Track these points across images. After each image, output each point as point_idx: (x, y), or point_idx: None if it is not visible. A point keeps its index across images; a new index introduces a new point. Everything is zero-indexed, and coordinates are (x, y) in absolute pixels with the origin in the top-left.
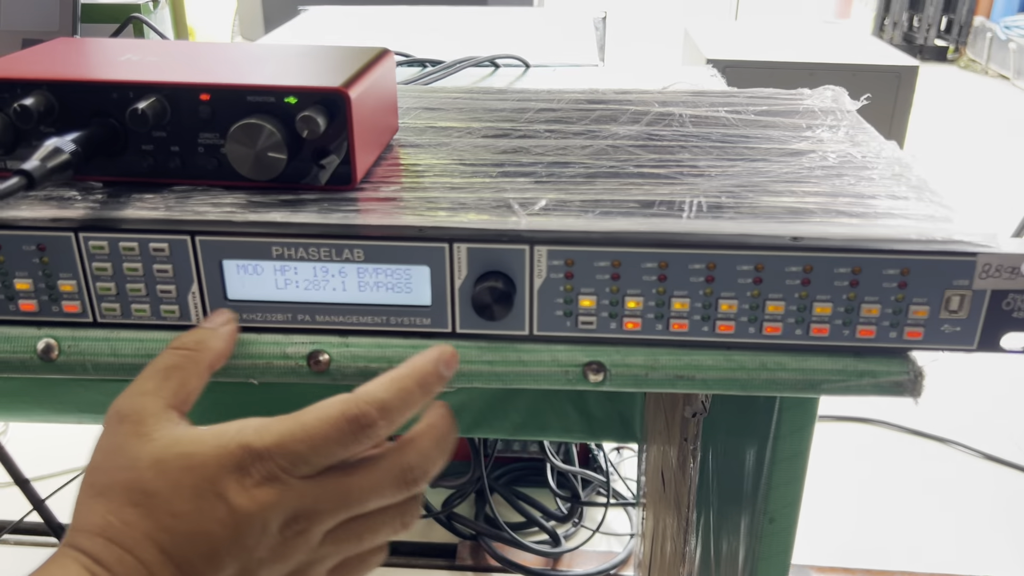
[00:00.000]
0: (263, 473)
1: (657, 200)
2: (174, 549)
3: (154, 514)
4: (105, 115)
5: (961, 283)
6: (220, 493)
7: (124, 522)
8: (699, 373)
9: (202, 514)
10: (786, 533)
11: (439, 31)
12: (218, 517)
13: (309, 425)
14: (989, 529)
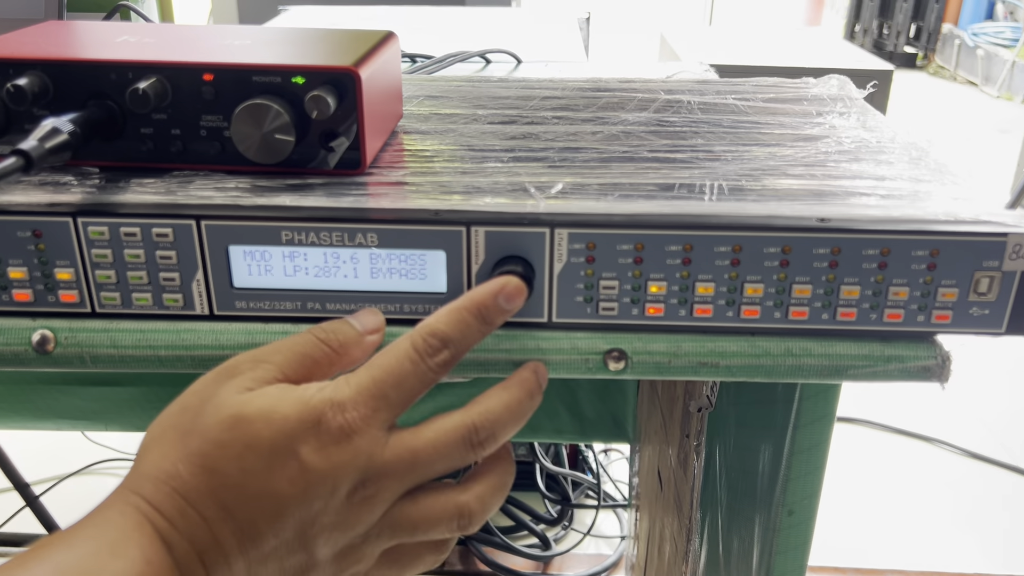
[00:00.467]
0: (342, 425)
1: (677, 183)
2: (238, 507)
3: (224, 470)
4: (103, 97)
5: (991, 264)
6: (294, 451)
7: (193, 474)
8: (723, 360)
9: (272, 472)
10: (805, 526)
11: (422, 31)
12: (289, 476)
13: (384, 365)
14: (975, 526)
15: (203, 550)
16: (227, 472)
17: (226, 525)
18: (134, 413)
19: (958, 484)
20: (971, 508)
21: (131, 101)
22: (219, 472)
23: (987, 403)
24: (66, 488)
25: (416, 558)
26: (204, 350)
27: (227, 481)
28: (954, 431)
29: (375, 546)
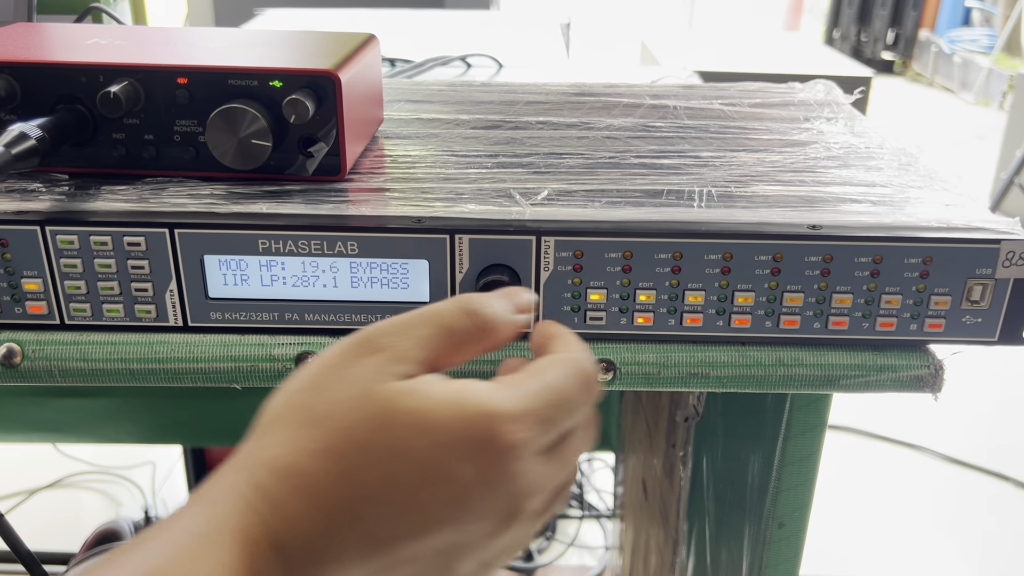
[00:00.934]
0: (504, 449)
1: (665, 190)
2: (375, 521)
3: (363, 478)
4: (73, 101)
5: (984, 272)
6: (450, 470)
7: (326, 473)
8: (713, 370)
9: (422, 489)
10: (796, 539)
11: (401, 34)
12: (442, 496)
13: (556, 384)
14: (958, 533)
15: (319, 560)
16: (367, 481)
17: (354, 535)
18: (107, 425)
19: (941, 490)
20: (954, 514)
21: (102, 105)
22: (358, 479)
23: (970, 409)
24: (37, 502)
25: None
26: (178, 363)
27: (366, 491)
28: (937, 437)
29: (512, 551)
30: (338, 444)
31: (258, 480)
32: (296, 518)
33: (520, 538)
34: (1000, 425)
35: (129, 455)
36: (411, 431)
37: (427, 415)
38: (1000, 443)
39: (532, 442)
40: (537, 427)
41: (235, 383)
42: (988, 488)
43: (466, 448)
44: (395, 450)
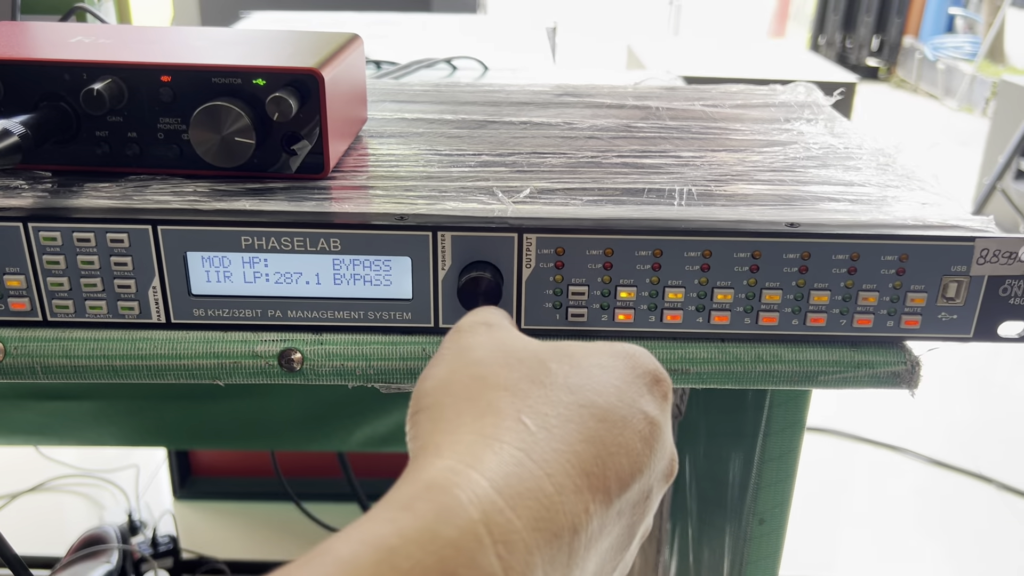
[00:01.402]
0: (660, 378)
1: (646, 188)
2: (595, 466)
3: (580, 416)
4: (56, 98)
5: (959, 269)
6: (638, 400)
7: (545, 426)
8: (693, 367)
9: (626, 423)
10: (776, 535)
11: (387, 37)
12: (639, 428)
13: None
14: (941, 534)
15: (552, 539)
16: (585, 421)
17: (581, 498)
18: (90, 427)
19: (925, 492)
20: (937, 516)
21: (85, 102)
22: (576, 420)
23: (952, 412)
24: (19, 506)
25: None
26: (160, 359)
27: (585, 432)
28: (920, 440)
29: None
30: (547, 394)
31: (477, 492)
32: (535, 495)
33: (651, 520)
34: (982, 427)
35: (113, 458)
36: (601, 372)
37: (599, 351)
38: (982, 445)
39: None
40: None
41: (218, 380)
42: (970, 490)
43: (642, 379)
44: (596, 386)
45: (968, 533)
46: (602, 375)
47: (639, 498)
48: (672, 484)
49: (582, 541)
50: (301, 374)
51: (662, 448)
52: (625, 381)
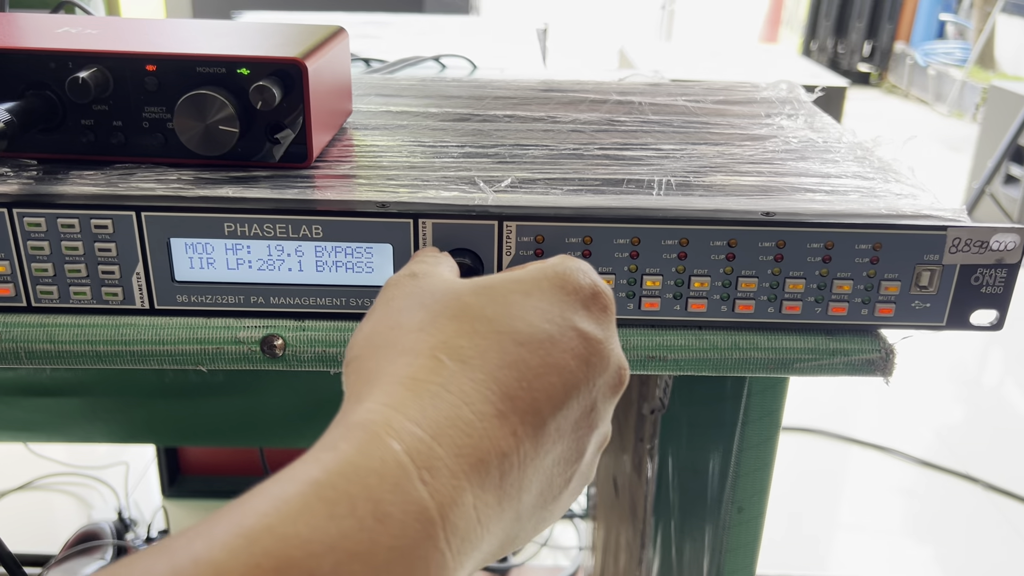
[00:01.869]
0: (597, 292)
1: (625, 179)
2: (520, 389)
3: (500, 342)
4: (42, 87)
5: (931, 258)
6: (569, 319)
7: (460, 358)
8: (671, 353)
9: (554, 343)
10: (755, 523)
11: (378, 37)
12: (571, 346)
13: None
14: (927, 534)
15: (478, 472)
16: (504, 347)
17: (506, 422)
18: (79, 424)
19: (911, 492)
20: (923, 516)
21: (71, 91)
22: (495, 348)
23: (938, 412)
24: (9, 504)
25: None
26: (144, 345)
27: (505, 358)
28: (906, 440)
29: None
30: (460, 324)
31: (394, 424)
32: (446, 427)
33: (608, 428)
34: (969, 428)
35: (102, 455)
36: (522, 297)
37: (525, 281)
38: (969, 445)
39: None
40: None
41: (201, 365)
42: (957, 490)
43: (572, 297)
44: (515, 312)
45: (955, 533)
46: (524, 300)
47: (581, 413)
48: (656, 477)
49: (513, 463)
50: (283, 360)
51: (603, 361)
52: (552, 302)
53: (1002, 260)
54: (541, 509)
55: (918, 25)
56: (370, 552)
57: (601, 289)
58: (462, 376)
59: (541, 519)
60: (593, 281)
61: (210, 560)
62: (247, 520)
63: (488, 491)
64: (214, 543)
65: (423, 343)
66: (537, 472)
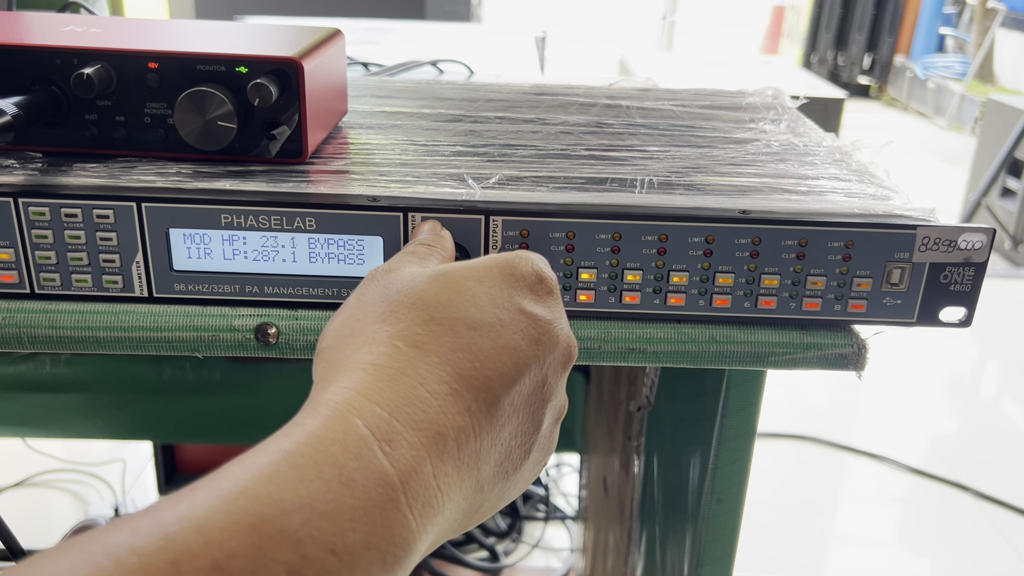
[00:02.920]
0: (542, 277)
1: (609, 178)
2: (472, 369)
3: (452, 328)
4: (47, 83)
5: (902, 256)
6: (517, 303)
7: (416, 344)
8: (650, 346)
9: (503, 325)
10: (733, 514)
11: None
12: (521, 327)
13: None
14: (919, 542)
15: (436, 443)
16: (457, 331)
17: (460, 400)
18: (77, 420)
19: (903, 500)
20: (915, 524)
21: (76, 86)
22: (447, 331)
23: (931, 421)
24: (6, 499)
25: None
26: (143, 332)
27: (458, 341)
28: (900, 448)
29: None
30: (418, 313)
31: (357, 407)
32: (403, 405)
33: (563, 399)
34: (961, 437)
35: (100, 453)
36: (473, 283)
37: (477, 268)
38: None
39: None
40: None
41: (197, 352)
42: (948, 498)
43: (520, 283)
44: (467, 298)
45: (946, 541)
46: (476, 287)
47: (533, 388)
48: (643, 474)
49: (469, 435)
50: (276, 348)
51: (551, 340)
52: (501, 288)
53: (970, 259)
54: (504, 480)
55: (918, 38)
56: (336, 511)
57: (546, 275)
58: (418, 360)
59: (504, 489)
60: (539, 267)
61: (192, 517)
62: (225, 484)
63: (446, 461)
64: (196, 503)
65: (383, 332)
66: (495, 444)
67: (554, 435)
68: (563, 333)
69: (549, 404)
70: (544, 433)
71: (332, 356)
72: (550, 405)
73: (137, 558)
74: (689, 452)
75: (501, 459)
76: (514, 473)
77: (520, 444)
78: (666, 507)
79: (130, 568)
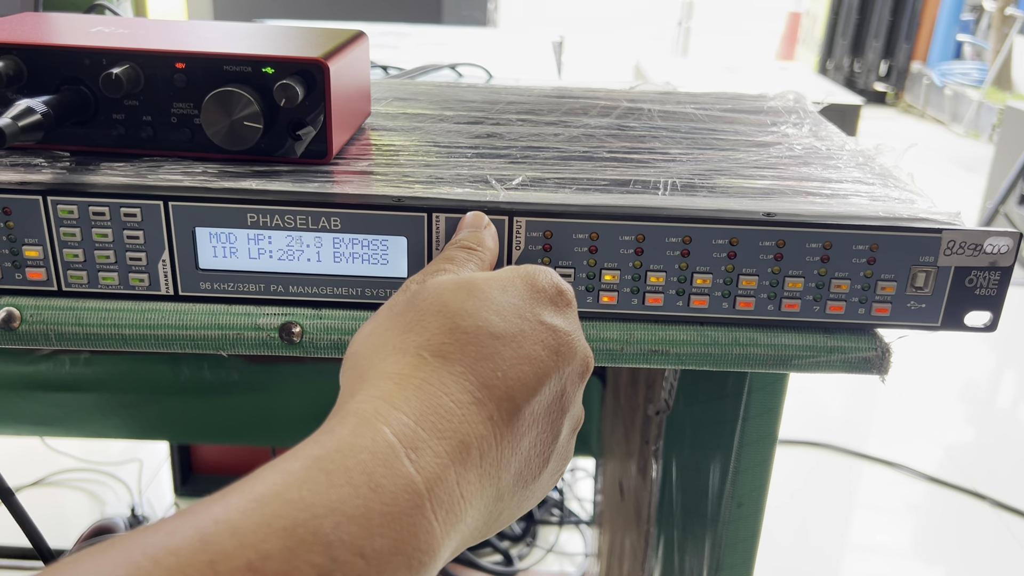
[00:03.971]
0: (561, 290)
1: (632, 180)
2: (495, 379)
3: (476, 336)
4: (76, 82)
5: (927, 259)
6: (538, 314)
7: (441, 354)
8: (673, 348)
9: (525, 336)
10: (754, 518)
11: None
12: (541, 338)
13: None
14: (935, 551)
15: (459, 452)
16: (481, 340)
17: (482, 409)
18: (95, 420)
19: (919, 508)
20: (931, 532)
21: (104, 86)
22: (471, 340)
23: (947, 429)
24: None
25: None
26: (168, 330)
27: (482, 351)
28: (915, 456)
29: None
30: (443, 322)
31: (382, 415)
32: (429, 413)
33: (580, 410)
34: (978, 446)
35: (117, 452)
36: (497, 292)
37: (500, 279)
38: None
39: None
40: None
41: (222, 350)
42: (965, 507)
43: (542, 295)
44: (491, 307)
45: (962, 550)
46: (500, 296)
47: (552, 398)
48: (660, 478)
49: (491, 444)
50: (300, 347)
51: (570, 351)
52: (524, 298)
53: (996, 263)
54: (523, 488)
55: (935, 45)
56: (365, 516)
57: (565, 287)
58: (442, 370)
59: (523, 498)
60: (558, 281)
61: (227, 520)
62: (258, 488)
63: (469, 470)
64: (230, 507)
65: (410, 342)
66: (515, 453)
67: (571, 445)
68: (580, 345)
69: (567, 414)
70: (562, 443)
71: (359, 364)
72: (568, 415)
73: (175, 559)
74: (709, 456)
75: (521, 468)
76: (533, 482)
77: (539, 454)
78: (685, 511)
79: (168, 568)
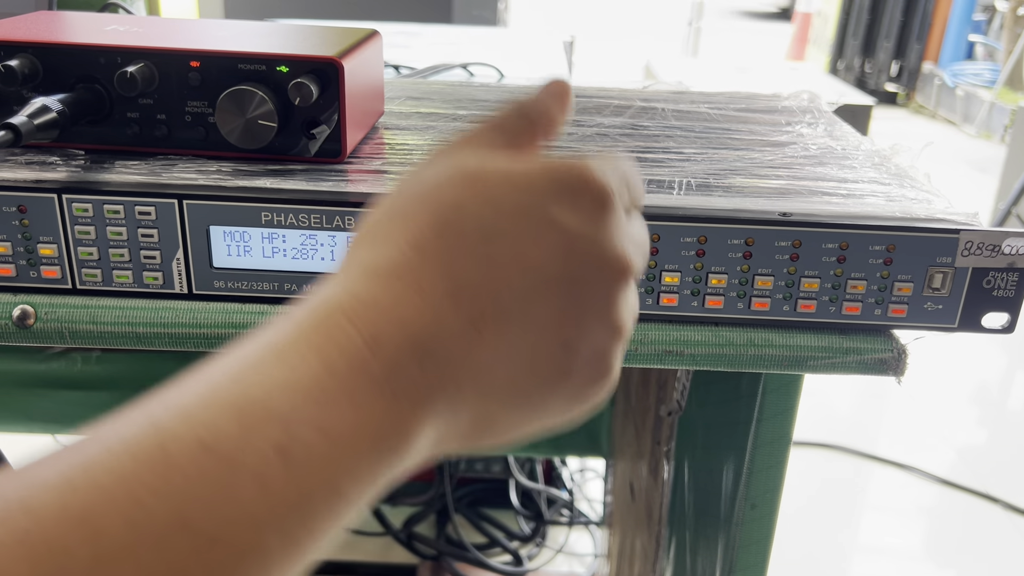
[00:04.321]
0: (599, 193)
1: (647, 179)
2: (475, 279)
3: (464, 235)
4: (91, 81)
5: (944, 260)
6: (548, 213)
7: (420, 249)
8: (687, 348)
9: (522, 236)
10: (767, 520)
11: (407, 46)
12: (544, 243)
13: (614, 159)
14: (947, 554)
15: (426, 346)
16: (468, 237)
17: (458, 314)
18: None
19: (930, 510)
20: (942, 534)
21: (119, 84)
22: (459, 238)
23: (958, 431)
24: None
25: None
26: (182, 328)
27: (469, 249)
28: (926, 458)
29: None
30: (431, 216)
31: (351, 285)
32: (392, 305)
33: (635, 300)
34: (990, 448)
35: None
36: (502, 187)
37: (513, 170)
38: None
39: (620, 193)
40: (619, 181)
41: None
42: (977, 509)
43: (560, 194)
44: (490, 203)
45: (974, 552)
46: (507, 194)
47: (560, 309)
48: (672, 479)
49: (461, 344)
50: None
51: (586, 255)
52: (538, 195)
53: (1014, 264)
54: (525, 399)
55: (947, 46)
56: (323, 396)
57: (598, 183)
58: (419, 267)
59: (526, 409)
60: (593, 177)
61: (178, 405)
62: (211, 373)
63: (439, 365)
64: (183, 393)
65: (395, 232)
66: (498, 359)
67: (605, 364)
68: (607, 247)
69: (587, 327)
70: (584, 359)
71: (351, 251)
72: (590, 328)
73: (124, 445)
74: (722, 457)
75: (514, 376)
76: (538, 395)
77: (544, 364)
78: (697, 512)
79: (117, 454)
